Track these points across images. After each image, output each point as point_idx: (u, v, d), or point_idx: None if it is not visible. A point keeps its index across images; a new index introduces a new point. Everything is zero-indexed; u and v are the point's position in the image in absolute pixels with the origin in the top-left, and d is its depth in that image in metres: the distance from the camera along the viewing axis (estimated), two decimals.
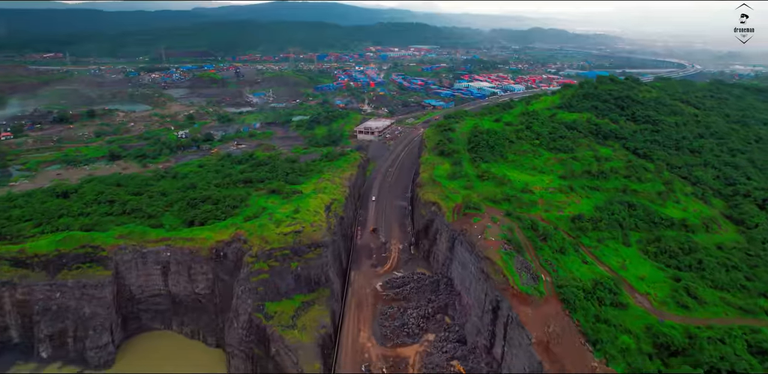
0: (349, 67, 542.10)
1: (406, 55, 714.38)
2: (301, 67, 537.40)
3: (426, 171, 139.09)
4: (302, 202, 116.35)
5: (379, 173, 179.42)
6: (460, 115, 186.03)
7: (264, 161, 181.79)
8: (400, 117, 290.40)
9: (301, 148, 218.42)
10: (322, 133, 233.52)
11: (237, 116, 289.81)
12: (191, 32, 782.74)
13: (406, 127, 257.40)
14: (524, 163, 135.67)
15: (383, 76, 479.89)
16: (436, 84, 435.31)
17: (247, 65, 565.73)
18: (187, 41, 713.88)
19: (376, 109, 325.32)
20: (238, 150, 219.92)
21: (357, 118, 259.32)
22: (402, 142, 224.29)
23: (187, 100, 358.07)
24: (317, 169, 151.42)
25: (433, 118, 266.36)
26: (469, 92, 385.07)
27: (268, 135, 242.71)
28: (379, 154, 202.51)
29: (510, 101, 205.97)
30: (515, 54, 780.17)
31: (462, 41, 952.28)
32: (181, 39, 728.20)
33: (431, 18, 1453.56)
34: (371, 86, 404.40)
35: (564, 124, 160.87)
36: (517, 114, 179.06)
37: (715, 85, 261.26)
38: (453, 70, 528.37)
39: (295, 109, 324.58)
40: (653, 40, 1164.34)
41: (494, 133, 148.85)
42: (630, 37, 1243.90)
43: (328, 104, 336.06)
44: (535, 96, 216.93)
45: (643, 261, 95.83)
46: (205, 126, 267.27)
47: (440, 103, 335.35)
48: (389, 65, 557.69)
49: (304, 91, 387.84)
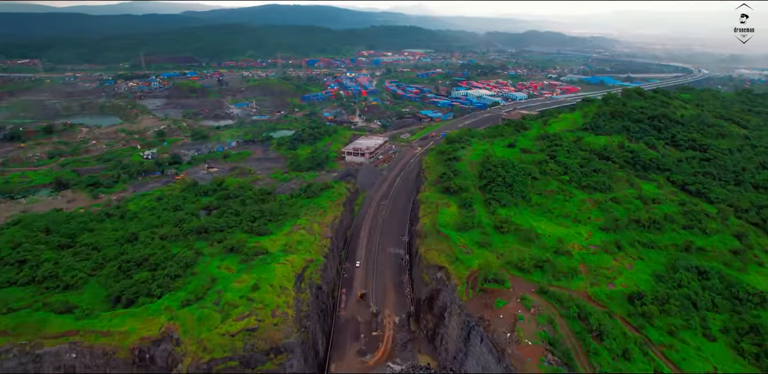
0: (340, 74, 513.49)
1: (400, 60, 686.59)
2: (290, 73, 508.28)
3: (427, 215, 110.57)
4: (265, 272, 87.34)
5: (369, 208, 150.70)
6: (464, 138, 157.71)
7: (234, 193, 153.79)
8: (394, 132, 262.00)
9: (281, 173, 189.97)
10: (306, 153, 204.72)
11: (213, 131, 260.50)
12: (177, 36, 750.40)
13: (400, 144, 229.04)
14: (553, 208, 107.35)
15: (376, 83, 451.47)
16: (433, 92, 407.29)
17: (232, 72, 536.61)
18: (173, 46, 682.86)
19: (368, 121, 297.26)
20: (209, 174, 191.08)
21: (345, 136, 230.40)
22: (397, 164, 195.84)
23: (162, 111, 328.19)
24: (293, 211, 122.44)
25: (430, 135, 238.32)
26: (468, 101, 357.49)
27: (244, 155, 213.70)
28: (369, 181, 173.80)
29: (523, 120, 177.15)
30: (513, 58, 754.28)
31: (457, 44, 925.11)
32: (167, 44, 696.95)
33: (425, 21, 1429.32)
34: (363, 95, 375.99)
35: (594, 152, 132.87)
36: (534, 137, 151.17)
37: (744, 95, 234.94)
38: (449, 76, 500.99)
39: (279, 121, 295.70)
40: (651, 43, 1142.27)
41: (511, 166, 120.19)
42: (627, 40, 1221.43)
43: (315, 116, 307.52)
44: (549, 113, 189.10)
45: (739, 369, 67.75)
46: (176, 144, 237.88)
47: (438, 115, 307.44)
48: (382, 71, 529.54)
49: (291, 100, 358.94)
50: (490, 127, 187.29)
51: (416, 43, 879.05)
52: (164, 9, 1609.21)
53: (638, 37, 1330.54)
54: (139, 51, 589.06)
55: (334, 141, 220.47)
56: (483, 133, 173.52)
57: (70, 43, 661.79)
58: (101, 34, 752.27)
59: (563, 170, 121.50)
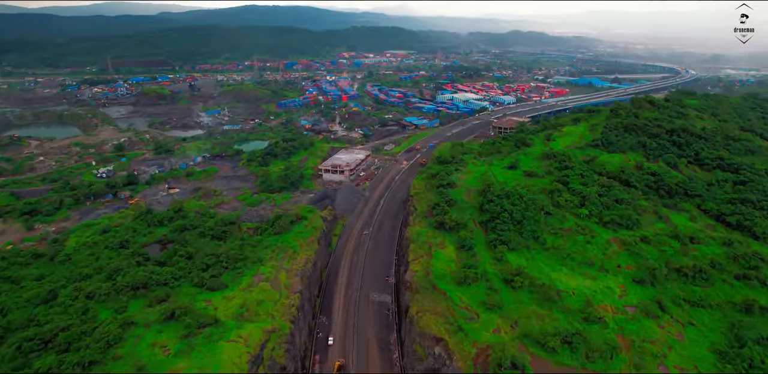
0: (319, 77, 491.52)
1: (382, 62, 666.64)
2: (267, 77, 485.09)
3: (418, 259, 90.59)
4: (210, 355, 66.30)
5: (350, 239, 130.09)
6: (457, 157, 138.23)
7: (192, 223, 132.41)
8: (377, 142, 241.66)
9: (250, 194, 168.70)
10: (279, 171, 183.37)
11: (179, 144, 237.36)
12: (150, 39, 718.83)
13: (384, 157, 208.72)
14: (573, 253, 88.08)
15: (357, 87, 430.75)
16: (417, 96, 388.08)
17: (207, 76, 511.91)
18: (145, 49, 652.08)
19: (349, 129, 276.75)
20: (169, 196, 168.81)
21: (323, 149, 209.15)
22: (380, 182, 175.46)
23: (126, 120, 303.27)
24: (255, 254, 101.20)
25: (415, 147, 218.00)
26: (454, 106, 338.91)
27: (210, 173, 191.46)
28: (350, 204, 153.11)
29: (523, 135, 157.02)
30: (497, 59, 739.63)
31: (440, 45, 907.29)
32: (138, 46, 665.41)
33: (406, 21, 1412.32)
34: (343, 100, 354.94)
35: (610, 175, 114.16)
36: (538, 156, 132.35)
37: (751, 100, 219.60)
38: (434, 78, 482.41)
39: (253, 131, 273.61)
40: (632, 42, 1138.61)
41: (518, 197, 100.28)
42: (609, 39, 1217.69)
43: (291, 125, 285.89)
44: (548, 123, 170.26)
45: None
46: (136, 159, 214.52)
47: (423, 122, 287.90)
48: (363, 74, 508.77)
49: (266, 107, 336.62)
50: (486, 141, 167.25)
51: (398, 44, 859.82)
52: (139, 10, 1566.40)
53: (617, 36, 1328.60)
54: (108, 54, 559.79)
55: (310, 155, 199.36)
56: (478, 149, 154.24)
57: (33, 45, 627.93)
58: (69, 36, 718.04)
59: (580, 201, 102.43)
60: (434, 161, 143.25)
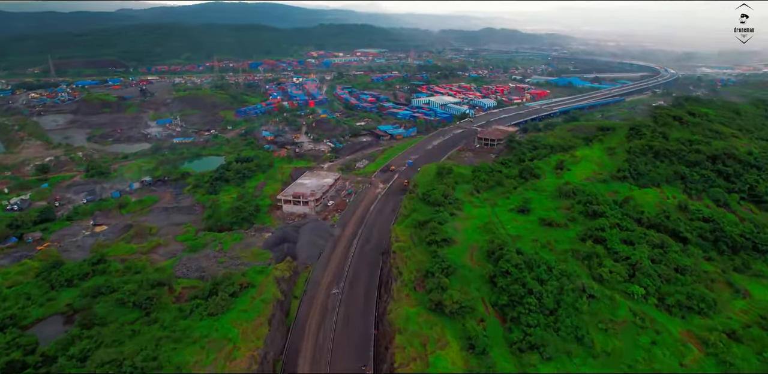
0: (285, 78, 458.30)
1: (353, 61, 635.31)
2: (228, 79, 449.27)
3: (408, 364, 62.37)
4: None
5: (314, 304, 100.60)
6: (450, 196, 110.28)
7: (111, 283, 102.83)
8: (348, 158, 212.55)
9: (192, 233, 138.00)
10: (230, 200, 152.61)
11: (118, 163, 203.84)
12: (103, 37, 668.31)
13: (356, 178, 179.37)
14: (635, 363, 61.15)
15: (326, 90, 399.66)
16: (391, 100, 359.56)
17: (163, 78, 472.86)
18: (96, 48, 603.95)
19: (316, 141, 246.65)
20: (92, 238, 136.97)
21: (285, 171, 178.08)
22: (353, 214, 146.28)
23: (62, 133, 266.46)
24: (177, 356, 71.22)
25: (390, 168, 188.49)
26: (432, 111, 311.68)
27: (148, 203, 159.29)
28: (315, 248, 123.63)
29: (529, 163, 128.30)
30: (471, 57, 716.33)
31: (412, 43, 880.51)
32: (89, 45, 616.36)
33: (376, 19, 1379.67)
34: (310, 106, 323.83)
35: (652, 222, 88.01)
36: (553, 192, 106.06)
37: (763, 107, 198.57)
38: (407, 79, 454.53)
39: (207, 145, 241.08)
40: (604, 39, 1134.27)
41: (544, 267, 72.77)
42: (581, 36, 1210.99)
43: (252, 136, 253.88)
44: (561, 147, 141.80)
45: None
46: (61, 184, 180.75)
47: (399, 131, 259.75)
48: (333, 75, 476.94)
49: (224, 114, 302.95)
50: (480, 167, 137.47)
51: (369, 43, 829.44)
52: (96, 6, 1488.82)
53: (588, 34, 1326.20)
54: (54, 53, 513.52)
55: (269, 179, 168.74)
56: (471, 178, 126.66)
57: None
58: (11, 34, 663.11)
59: (628, 270, 75.87)
60: (420, 198, 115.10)
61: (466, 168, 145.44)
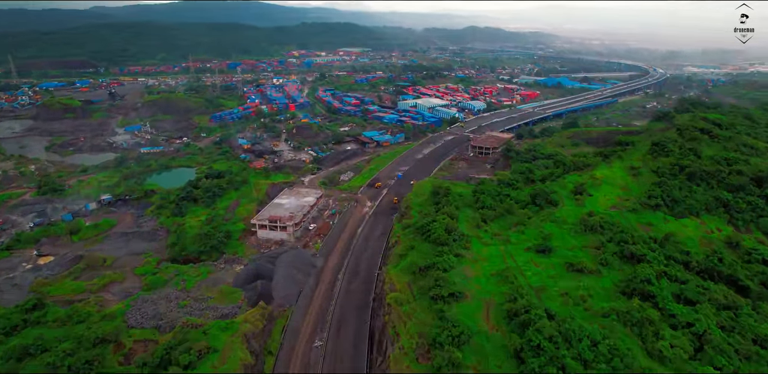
0: (265, 79, 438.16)
1: (335, 61, 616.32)
2: (205, 80, 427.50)
3: None
4: None
5: (292, 362, 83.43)
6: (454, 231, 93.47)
7: (45, 341, 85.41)
8: (331, 169, 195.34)
9: (154, 264, 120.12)
10: (198, 224, 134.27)
11: (75, 179, 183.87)
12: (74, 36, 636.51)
13: (341, 194, 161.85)
14: None
15: (307, 92, 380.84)
16: (376, 103, 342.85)
17: (136, 80, 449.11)
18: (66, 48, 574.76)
19: (297, 149, 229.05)
20: (33, 273, 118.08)
21: (261, 188, 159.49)
22: (338, 240, 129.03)
23: (18, 141, 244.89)
24: None
25: (377, 185, 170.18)
26: (419, 115, 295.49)
27: (105, 227, 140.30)
28: (294, 285, 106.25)
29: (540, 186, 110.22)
30: (456, 57, 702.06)
31: (395, 42, 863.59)
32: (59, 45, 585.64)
33: (359, 17, 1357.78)
34: (291, 110, 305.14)
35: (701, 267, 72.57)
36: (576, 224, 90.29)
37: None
38: (392, 80, 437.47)
39: (177, 155, 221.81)
40: (588, 38, 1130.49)
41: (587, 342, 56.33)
42: (565, 35, 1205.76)
43: (227, 144, 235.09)
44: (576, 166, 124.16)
45: None
46: (8, 203, 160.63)
47: (386, 137, 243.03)
48: (315, 75, 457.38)
49: (199, 120, 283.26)
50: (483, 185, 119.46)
51: (352, 42, 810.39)
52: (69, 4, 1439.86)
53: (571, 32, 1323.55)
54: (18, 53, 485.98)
55: (243, 198, 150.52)
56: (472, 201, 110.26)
57: None
58: None
59: (693, 343, 60.07)
60: (417, 231, 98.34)
61: (464, 187, 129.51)
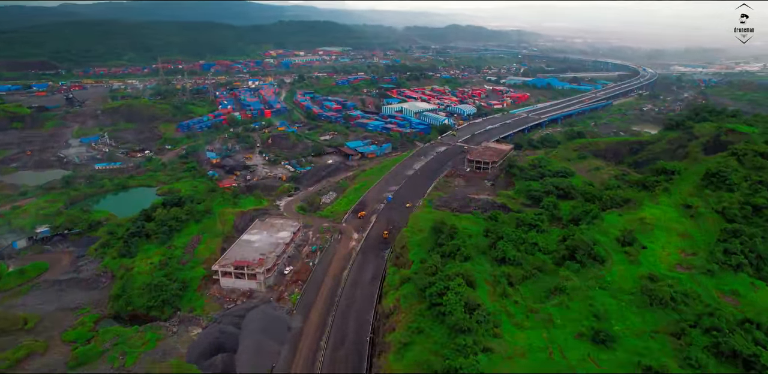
0: (240, 82, 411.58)
1: (315, 61, 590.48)
2: (175, 83, 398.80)
3: None
4: None
5: None
6: (474, 298, 71.57)
7: None
8: (311, 189, 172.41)
9: (89, 325, 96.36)
10: (149, 269, 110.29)
11: (10, 203, 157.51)
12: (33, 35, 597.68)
13: (322, 223, 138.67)
14: None
15: (285, 95, 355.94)
16: (358, 107, 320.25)
17: (101, 82, 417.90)
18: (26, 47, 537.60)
19: (273, 163, 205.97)
20: None
21: (228, 218, 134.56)
22: (320, 288, 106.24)
23: None
24: None
25: (360, 214, 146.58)
26: (406, 121, 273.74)
27: (32, 274, 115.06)
28: (264, 361, 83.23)
29: (577, 233, 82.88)
30: (440, 56, 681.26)
31: (376, 41, 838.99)
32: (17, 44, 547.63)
33: (338, 15, 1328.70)
34: (267, 116, 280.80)
35: None
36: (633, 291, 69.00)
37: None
38: (376, 82, 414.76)
39: (137, 171, 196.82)
40: (570, 36, 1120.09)
41: None
42: (547, 33, 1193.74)
43: (194, 158, 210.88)
44: (612, 201, 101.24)
45: None
46: None
47: (371, 148, 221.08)
48: (293, 77, 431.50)
49: (165, 129, 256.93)
50: (497, 237, 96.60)
51: (331, 41, 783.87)
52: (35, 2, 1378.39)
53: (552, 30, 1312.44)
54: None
55: (205, 232, 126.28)
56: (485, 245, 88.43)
57: None
58: None
59: None
60: (424, 302, 75.90)
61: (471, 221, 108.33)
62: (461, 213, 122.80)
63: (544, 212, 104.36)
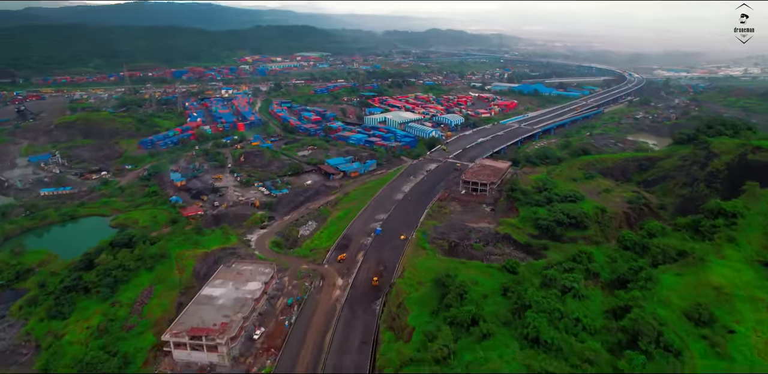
0: (212, 90, 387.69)
1: (292, 67, 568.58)
2: (144, 92, 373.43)
3: None
4: None
5: None
6: None
7: None
8: (287, 218, 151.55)
9: None
10: (84, 337, 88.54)
11: None
12: None
13: (301, 264, 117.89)
14: None
15: (260, 106, 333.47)
16: (339, 117, 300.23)
17: (62, 92, 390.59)
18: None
19: (245, 184, 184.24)
20: None
21: (187, 264, 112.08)
22: (299, 355, 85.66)
23: None
24: None
25: (340, 258, 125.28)
26: (391, 133, 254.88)
27: None
28: None
29: (633, 309, 59.56)
30: (421, 61, 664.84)
31: (356, 46, 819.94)
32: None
33: (317, 20, 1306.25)
34: (240, 130, 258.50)
35: None
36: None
37: None
38: (356, 90, 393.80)
39: (90, 197, 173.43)
40: (551, 40, 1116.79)
41: None
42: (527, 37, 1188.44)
43: (156, 180, 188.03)
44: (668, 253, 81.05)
45: None
46: None
47: (354, 166, 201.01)
48: (269, 85, 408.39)
49: (126, 145, 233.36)
50: (522, 306, 74.35)
51: (310, 46, 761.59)
52: None
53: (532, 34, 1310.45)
54: None
55: (159, 283, 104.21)
56: (547, 359, 68.03)
57: None
58: None
59: None
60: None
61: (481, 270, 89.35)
62: (469, 260, 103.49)
63: (577, 266, 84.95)
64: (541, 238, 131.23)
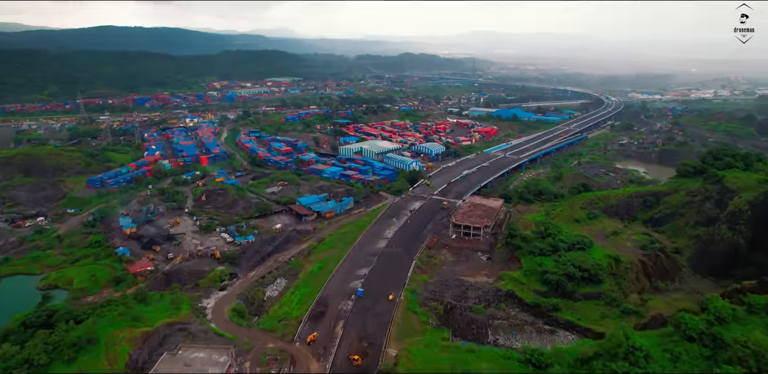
0: (176, 119, 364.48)
1: (263, 93, 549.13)
2: (100, 122, 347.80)
3: None
4: None
5: None
6: None
7: None
8: (252, 274, 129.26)
9: None
10: None
11: None
12: None
13: (265, 343, 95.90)
14: None
15: (226, 136, 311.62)
16: (311, 148, 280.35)
17: (8, 121, 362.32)
18: None
19: (206, 229, 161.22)
20: None
21: (121, 350, 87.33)
22: None
23: None
24: None
25: (310, 338, 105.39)
26: (368, 165, 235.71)
27: None
28: None
29: None
30: (395, 85, 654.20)
31: (328, 71, 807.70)
32: None
33: (287, 44, 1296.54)
34: (203, 164, 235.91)
35: None
36: None
37: None
38: (330, 117, 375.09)
39: (19, 250, 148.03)
40: (522, 63, 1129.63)
41: None
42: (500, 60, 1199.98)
43: (102, 227, 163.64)
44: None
45: None
46: None
47: (329, 205, 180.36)
48: (237, 113, 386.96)
49: (72, 184, 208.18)
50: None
51: (281, 71, 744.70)
52: None
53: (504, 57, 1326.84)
54: None
55: None
56: None
57: None
58: None
59: None
60: None
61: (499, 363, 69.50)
62: (478, 346, 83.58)
63: (631, 369, 64.74)
64: (550, 296, 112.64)
